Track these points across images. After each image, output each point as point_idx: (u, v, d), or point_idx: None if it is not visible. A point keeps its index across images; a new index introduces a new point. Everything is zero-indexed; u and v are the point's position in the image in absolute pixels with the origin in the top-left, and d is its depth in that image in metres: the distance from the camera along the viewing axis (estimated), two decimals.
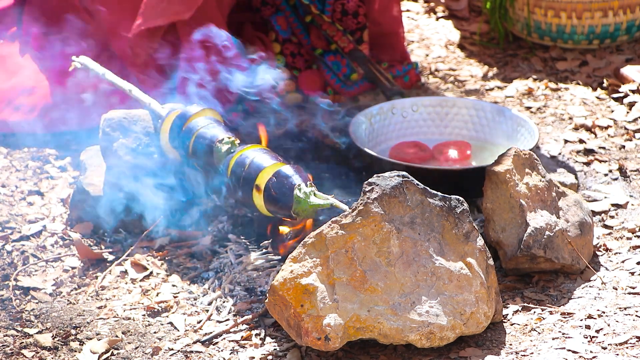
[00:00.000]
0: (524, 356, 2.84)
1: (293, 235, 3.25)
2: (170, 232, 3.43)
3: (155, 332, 3.03)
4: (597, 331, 2.91)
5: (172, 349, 2.95)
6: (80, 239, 3.38)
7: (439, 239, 2.89)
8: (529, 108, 4.22)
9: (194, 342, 2.98)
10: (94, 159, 3.56)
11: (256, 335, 2.99)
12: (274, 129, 3.88)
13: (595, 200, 3.57)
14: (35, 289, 3.21)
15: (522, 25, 4.59)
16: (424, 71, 4.52)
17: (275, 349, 2.93)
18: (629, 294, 3.06)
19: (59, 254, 3.37)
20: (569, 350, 2.83)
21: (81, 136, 3.90)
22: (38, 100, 4.01)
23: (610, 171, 3.76)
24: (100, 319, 3.07)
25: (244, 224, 3.43)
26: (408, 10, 5.01)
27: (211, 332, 3.01)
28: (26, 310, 3.11)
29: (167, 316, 3.10)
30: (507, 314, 3.02)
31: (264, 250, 3.30)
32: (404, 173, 2.90)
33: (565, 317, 2.99)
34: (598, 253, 3.29)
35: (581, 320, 2.96)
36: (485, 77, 4.46)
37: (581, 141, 3.95)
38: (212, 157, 3.22)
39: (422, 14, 5.00)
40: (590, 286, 3.13)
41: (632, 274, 3.16)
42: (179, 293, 3.19)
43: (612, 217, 3.49)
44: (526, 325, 2.97)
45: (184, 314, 3.10)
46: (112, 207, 3.42)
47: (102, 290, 3.21)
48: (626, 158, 3.83)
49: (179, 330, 3.03)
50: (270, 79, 3.47)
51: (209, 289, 3.19)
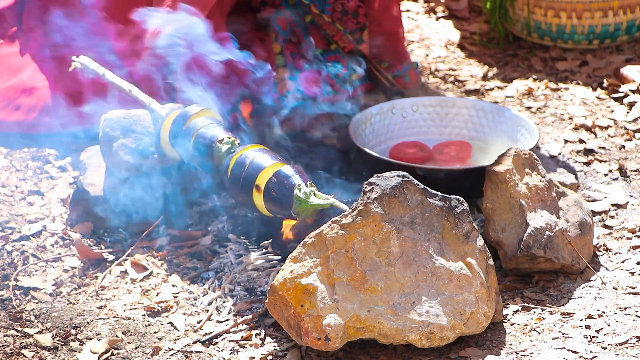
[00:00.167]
0: (524, 356, 2.83)
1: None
2: (170, 232, 3.43)
3: (155, 332, 3.03)
4: (597, 331, 2.91)
5: (172, 349, 2.95)
6: (80, 239, 3.38)
7: (439, 239, 2.89)
8: (529, 108, 4.21)
9: (194, 342, 2.98)
10: (94, 159, 3.56)
11: (256, 335, 2.99)
12: (274, 129, 3.88)
13: (595, 200, 3.57)
14: (35, 289, 3.21)
15: (522, 25, 4.59)
16: (424, 71, 4.52)
17: (275, 349, 2.93)
18: (629, 294, 3.06)
19: (59, 254, 3.37)
20: (569, 350, 2.83)
21: (81, 136, 3.90)
22: (38, 100, 4.01)
23: (610, 171, 3.76)
24: (100, 319, 3.07)
25: (244, 224, 3.43)
26: (408, 10, 5.01)
27: (211, 332, 3.01)
28: (26, 310, 3.11)
29: (167, 316, 3.09)
30: (507, 314, 3.02)
31: (264, 250, 3.30)
32: (404, 173, 2.90)
33: (565, 317, 2.98)
34: (598, 253, 3.29)
35: (581, 320, 2.96)
36: (485, 77, 4.46)
37: (581, 141, 3.95)
38: (212, 157, 3.22)
39: (422, 14, 4.99)
40: (590, 286, 3.13)
41: (632, 274, 3.16)
42: (179, 293, 3.18)
43: (612, 217, 3.48)
44: (526, 325, 2.97)
45: (184, 314, 3.10)
46: (112, 207, 3.42)
47: (102, 290, 3.21)
48: (626, 158, 3.83)
49: (179, 330, 3.03)
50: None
51: (209, 289, 3.19)
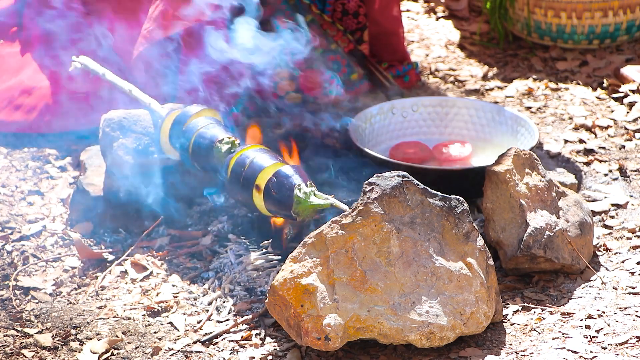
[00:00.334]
0: (524, 356, 2.83)
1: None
2: (170, 232, 3.43)
3: (155, 332, 3.03)
4: (597, 331, 2.91)
5: (172, 349, 2.95)
6: (80, 239, 3.38)
7: (439, 239, 2.89)
8: (529, 108, 4.21)
9: (194, 342, 2.98)
10: (94, 159, 3.56)
11: (256, 335, 2.99)
12: (273, 129, 3.88)
13: (595, 200, 3.57)
14: (35, 289, 3.21)
15: (522, 25, 4.59)
16: (424, 71, 4.52)
17: (275, 349, 2.93)
18: (629, 294, 3.06)
19: (59, 254, 3.37)
20: (569, 350, 2.83)
21: (81, 136, 3.90)
22: (38, 100, 4.01)
23: (610, 171, 3.76)
24: (100, 319, 3.07)
25: (244, 224, 3.43)
26: (408, 10, 5.01)
27: (211, 332, 3.01)
28: (26, 310, 3.11)
29: (167, 316, 3.09)
30: (507, 314, 3.02)
31: (264, 250, 3.30)
32: (404, 173, 2.90)
33: (565, 317, 2.98)
34: (598, 253, 3.29)
35: (581, 320, 2.96)
36: (485, 77, 4.46)
37: (581, 141, 3.95)
38: (212, 157, 3.22)
39: (422, 14, 5.00)
40: (590, 286, 3.13)
41: (632, 274, 3.16)
42: (179, 293, 3.18)
43: (612, 217, 3.48)
44: (526, 325, 2.97)
45: (184, 314, 3.10)
46: (112, 207, 3.42)
47: (102, 290, 3.21)
48: (626, 158, 3.83)
49: (179, 330, 3.03)
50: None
51: (209, 289, 3.19)
